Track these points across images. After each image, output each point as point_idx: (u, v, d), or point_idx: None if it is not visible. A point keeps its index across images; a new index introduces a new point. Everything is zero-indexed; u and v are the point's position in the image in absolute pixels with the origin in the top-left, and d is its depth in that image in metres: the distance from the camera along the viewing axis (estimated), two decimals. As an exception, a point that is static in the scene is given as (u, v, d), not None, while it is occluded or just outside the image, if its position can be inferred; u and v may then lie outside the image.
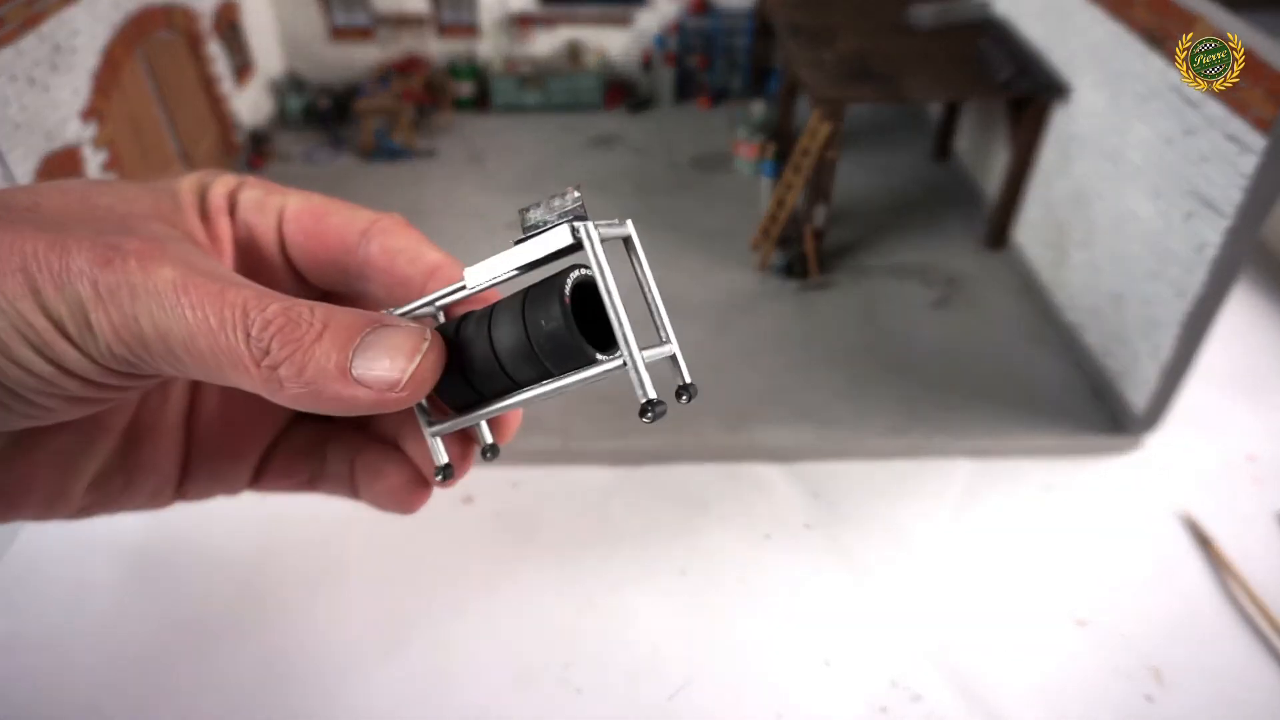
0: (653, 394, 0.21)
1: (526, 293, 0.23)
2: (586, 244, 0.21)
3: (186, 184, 0.28)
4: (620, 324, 0.21)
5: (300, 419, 0.33)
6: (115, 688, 0.46)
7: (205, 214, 0.28)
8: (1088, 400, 0.64)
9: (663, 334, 0.23)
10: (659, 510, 0.57)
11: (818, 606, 0.51)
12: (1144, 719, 0.46)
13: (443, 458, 0.26)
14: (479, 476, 0.58)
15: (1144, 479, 0.60)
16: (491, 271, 0.23)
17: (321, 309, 0.22)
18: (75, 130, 0.60)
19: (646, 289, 0.23)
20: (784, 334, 0.70)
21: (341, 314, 0.22)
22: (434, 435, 0.26)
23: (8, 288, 0.21)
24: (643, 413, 0.20)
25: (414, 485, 0.30)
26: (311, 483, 0.33)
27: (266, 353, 0.21)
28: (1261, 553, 0.54)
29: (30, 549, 0.53)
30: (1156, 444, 0.61)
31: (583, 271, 0.22)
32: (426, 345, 0.23)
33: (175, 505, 0.32)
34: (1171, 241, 0.55)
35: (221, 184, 0.29)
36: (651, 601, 0.51)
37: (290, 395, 0.22)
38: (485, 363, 0.23)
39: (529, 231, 0.22)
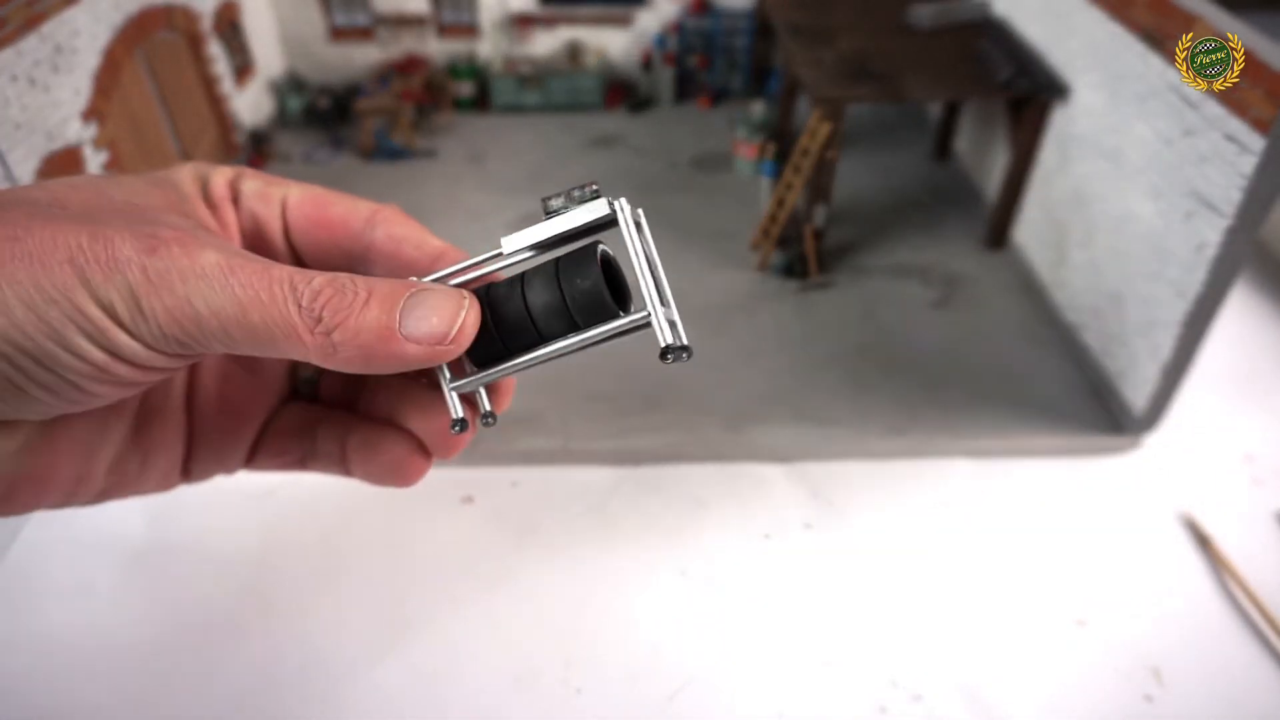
0: (671, 339, 0.24)
1: (558, 261, 0.26)
2: (620, 215, 0.25)
3: (186, 175, 0.30)
4: (646, 278, 0.24)
5: (290, 401, 0.35)
6: (116, 687, 0.47)
7: (210, 203, 0.30)
8: (1087, 400, 0.64)
9: (667, 303, 0.26)
10: (659, 510, 0.57)
11: (818, 606, 0.51)
12: (1144, 719, 0.46)
13: (459, 412, 0.28)
14: (479, 476, 0.58)
15: (1143, 479, 0.60)
16: (527, 240, 0.26)
17: (362, 279, 0.24)
18: (76, 130, 0.61)
19: (654, 264, 0.26)
20: (784, 334, 0.70)
21: (381, 282, 0.24)
22: (452, 392, 0.28)
23: (59, 279, 0.22)
24: (663, 355, 0.24)
25: (415, 456, 0.32)
26: (303, 462, 0.34)
27: (319, 321, 0.23)
28: (1261, 553, 0.54)
29: (32, 548, 0.53)
30: (1156, 444, 0.61)
31: (604, 248, 0.26)
32: (469, 302, 0.25)
33: (180, 488, 0.33)
34: (1171, 241, 0.55)
35: (220, 174, 0.30)
36: (651, 601, 0.51)
37: (343, 358, 0.24)
38: (518, 318, 0.26)
39: (550, 215, 0.25)
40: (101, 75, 0.64)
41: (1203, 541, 0.55)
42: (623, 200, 0.25)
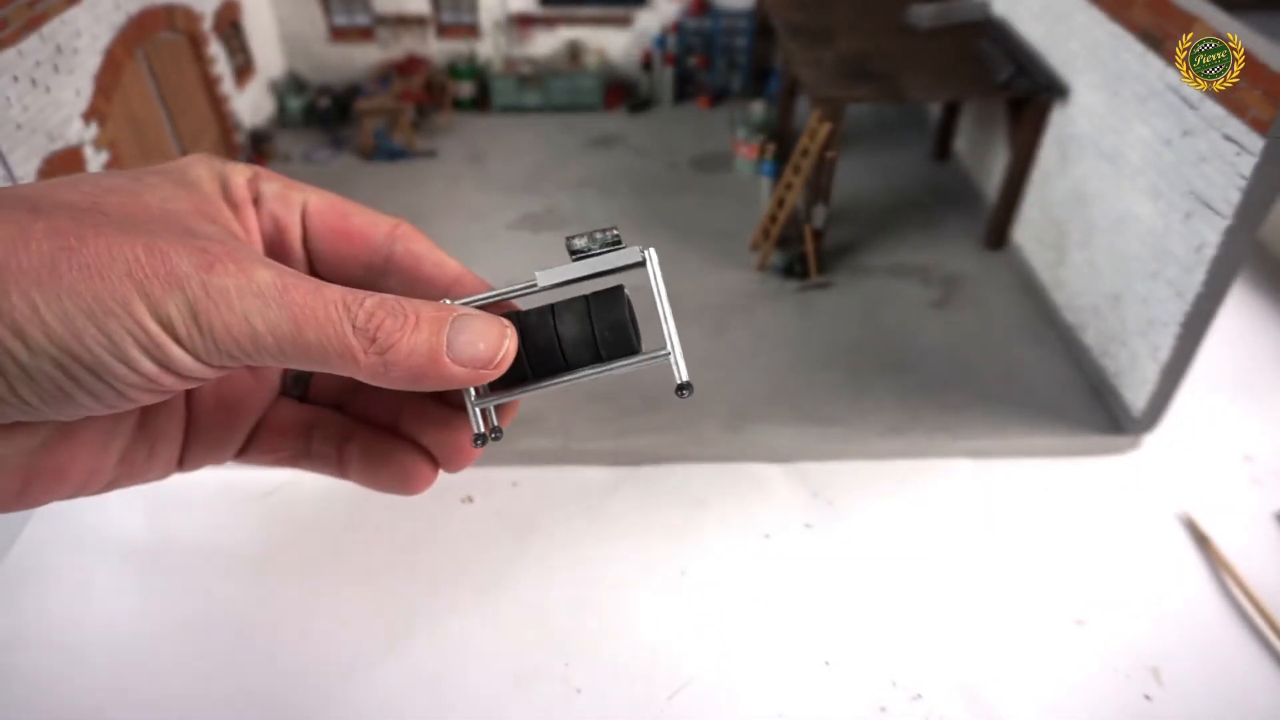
0: (686, 376, 0.27)
1: (588, 299, 0.28)
2: (649, 262, 0.28)
3: (203, 173, 0.29)
4: (668, 323, 0.27)
5: (284, 399, 0.35)
6: (117, 686, 0.47)
7: (231, 203, 0.29)
8: (1087, 400, 0.64)
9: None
10: (659, 510, 0.57)
11: (818, 606, 0.51)
12: (1143, 718, 0.46)
13: (481, 427, 0.29)
14: (479, 477, 0.59)
15: (1143, 479, 0.60)
16: (562, 276, 0.29)
17: (407, 301, 0.25)
18: (77, 131, 0.61)
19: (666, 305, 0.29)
20: (784, 334, 0.70)
21: (424, 305, 0.26)
22: (476, 407, 0.29)
23: (118, 293, 0.22)
24: (679, 390, 0.27)
25: (423, 467, 0.32)
26: (294, 459, 0.34)
27: (373, 341, 0.24)
28: (1260, 552, 0.54)
29: (33, 547, 0.54)
30: (1155, 444, 0.62)
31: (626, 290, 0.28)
32: (510, 330, 0.27)
33: (174, 481, 0.33)
34: (1170, 242, 0.55)
35: (239, 173, 0.30)
36: (651, 601, 0.51)
37: (393, 377, 0.25)
38: (548, 347, 0.28)
39: (576, 255, 0.28)
40: (102, 76, 0.64)
41: (1202, 541, 0.55)
42: (651, 250, 0.28)
